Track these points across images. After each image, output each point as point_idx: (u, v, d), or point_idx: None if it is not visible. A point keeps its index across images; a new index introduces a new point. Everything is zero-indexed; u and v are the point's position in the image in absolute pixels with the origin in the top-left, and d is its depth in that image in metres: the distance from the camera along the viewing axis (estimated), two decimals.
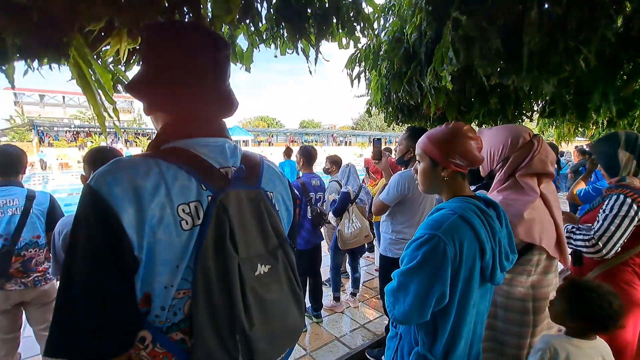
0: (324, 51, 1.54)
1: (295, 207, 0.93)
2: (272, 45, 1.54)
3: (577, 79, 1.91)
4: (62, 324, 0.59)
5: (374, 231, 4.10)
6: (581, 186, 2.98)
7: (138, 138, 31.86)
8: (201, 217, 0.66)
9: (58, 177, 19.95)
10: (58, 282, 2.16)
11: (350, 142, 48.39)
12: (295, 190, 1.04)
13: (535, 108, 2.90)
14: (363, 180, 4.20)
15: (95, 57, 1.07)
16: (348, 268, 3.95)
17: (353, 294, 3.64)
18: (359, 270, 3.71)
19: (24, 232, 2.01)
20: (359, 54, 2.51)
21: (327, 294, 3.74)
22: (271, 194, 0.81)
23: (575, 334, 1.21)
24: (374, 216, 3.96)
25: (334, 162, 3.77)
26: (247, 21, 1.27)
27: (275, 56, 1.56)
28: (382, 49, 2.39)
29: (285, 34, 1.38)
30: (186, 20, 1.12)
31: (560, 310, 1.23)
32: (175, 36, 0.73)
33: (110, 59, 1.21)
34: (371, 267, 4.69)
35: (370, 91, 2.97)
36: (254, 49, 1.52)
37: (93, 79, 1.06)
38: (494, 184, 1.46)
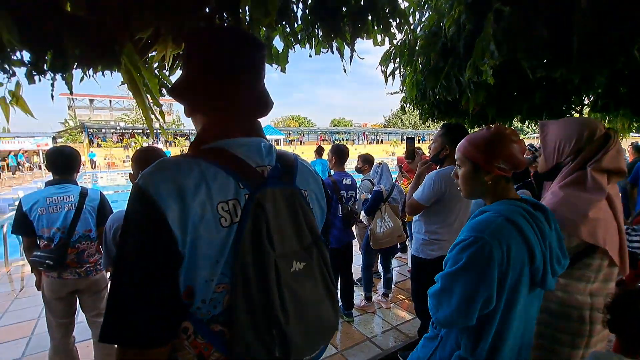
0: (357, 49, 1.53)
1: (329, 206, 0.93)
2: (307, 45, 1.55)
3: (632, 71, 1.75)
4: (113, 313, 0.63)
5: (407, 231, 4.02)
6: None
7: (177, 139, 33.51)
8: (239, 215, 0.68)
9: (105, 175, 21.52)
10: (108, 274, 2.35)
11: (382, 140, 47.54)
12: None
13: (586, 102, 2.69)
14: (396, 179, 4.13)
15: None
16: (380, 268, 3.90)
17: (385, 295, 3.59)
18: (391, 271, 3.65)
19: (78, 226, 2.19)
20: (393, 51, 2.46)
21: (358, 293, 3.72)
22: (305, 192, 0.82)
23: (626, 352, 1.10)
24: (407, 215, 3.88)
25: (366, 161, 3.74)
26: (283, 22, 1.29)
27: (310, 56, 1.57)
28: (418, 45, 2.32)
29: (320, 34, 1.38)
30: (225, 24, 1.16)
31: (611, 322, 1.13)
32: (214, 40, 0.76)
33: (155, 65, 1.29)
34: (404, 268, 4.60)
35: (404, 88, 2.91)
36: (289, 50, 1.54)
37: (142, 83, 1.13)
38: (558, 177, 1.35)
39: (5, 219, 7.35)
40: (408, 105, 3.12)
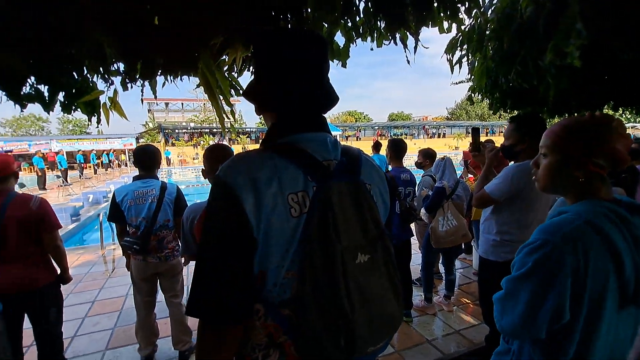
0: (420, 38, 1.45)
1: (392, 200, 0.93)
2: (369, 38, 1.52)
3: None
4: (196, 290, 0.71)
5: (473, 231, 3.76)
6: None
7: (239, 137, 35.61)
8: (307, 206, 0.72)
9: (178, 171, 23.78)
10: (183, 260, 2.61)
11: (444, 133, 44.70)
12: None
13: None
14: (461, 175, 3.88)
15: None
16: (441, 268, 3.72)
17: (447, 297, 3.42)
18: (454, 272, 3.45)
19: (159, 216, 2.47)
20: (461, 37, 2.30)
21: (417, 294, 3.60)
22: (369, 186, 0.84)
23: None
24: (472, 214, 3.63)
25: (428, 156, 3.57)
26: (345, 17, 1.28)
27: (371, 49, 1.54)
28: (489, 29, 2.13)
29: (383, 25, 1.35)
30: (289, 24, 1.19)
31: None
32: (279, 41, 0.80)
33: (225, 67, 1.38)
34: (469, 271, 4.33)
35: (472, 76, 2.70)
36: (351, 44, 1.53)
37: (215, 86, 1.23)
38: None
39: (100, 209, 8.57)
40: (476, 94, 2.90)
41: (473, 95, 2.91)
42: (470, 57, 2.42)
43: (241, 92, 1.38)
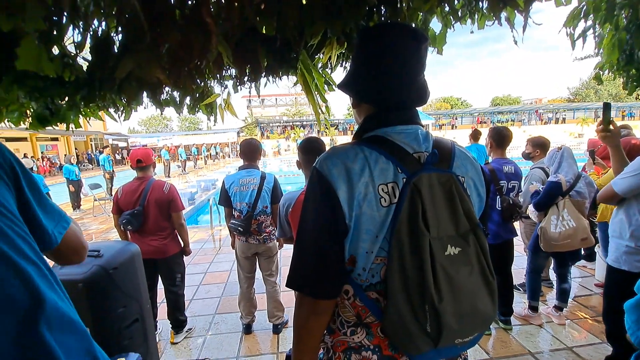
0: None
1: (488, 194, 0.90)
2: (469, 21, 1.40)
3: None
4: (295, 267, 0.80)
5: (596, 234, 3.17)
6: None
7: (327, 129, 36.67)
8: (397, 196, 0.74)
9: (272, 162, 25.79)
10: (278, 243, 2.88)
11: (563, 118, 37.44)
12: None
13: None
14: (583, 167, 3.28)
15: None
16: (552, 275, 3.24)
17: (558, 308, 2.98)
18: (568, 281, 2.97)
19: (259, 202, 2.76)
20: (585, 7, 1.93)
21: (520, 300, 3.22)
22: (463, 178, 0.83)
23: None
24: (598, 214, 3.05)
25: (539, 145, 3.11)
26: (442, 3, 1.21)
27: (472, 32, 1.42)
28: None
29: (485, 6, 1.22)
30: (383, 17, 1.19)
31: None
32: (377, 36, 0.82)
33: (320, 65, 1.46)
34: (589, 281, 3.67)
35: (601, 50, 2.25)
36: (448, 29, 1.44)
37: (312, 83, 1.31)
38: None
39: (210, 194, 9.89)
40: (607, 72, 2.40)
41: (602, 72, 2.42)
42: (597, 29, 2.01)
43: (334, 86, 1.44)
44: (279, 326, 2.96)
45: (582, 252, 2.96)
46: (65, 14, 1.03)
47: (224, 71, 1.32)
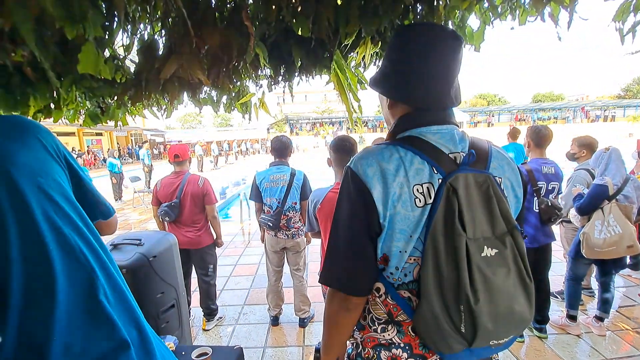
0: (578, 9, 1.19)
1: (525, 195, 0.88)
2: (509, 17, 1.35)
3: None
4: (328, 263, 0.82)
5: None
6: None
7: (356, 126, 36.40)
8: (432, 197, 0.74)
9: (299, 159, 26.02)
10: (306, 239, 2.93)
11: (613, 116, 34.69)
12: None
13: None
14: (632, 170, 3.06)
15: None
16: (594, 283, 3.05)
17: (598, 318, 2.80)
18: (611, 290, 2.79)
19: (288, 198, 2.81)
20: (635, 1, 1.78)
21: (557, 309, 3.07)
22: (500, 179, 0.82)
23: None
24: None
25: (585, 145, 2.92)
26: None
27: (512, 28, 1.36)
28: None
29: (527, 1, 1.17)
30: (418, 15, 1.17)
31: None
32: (417, 36, 0.81)
33: (353, 63, 1.46)
34: (633, 291, 3.42)
35: None
36: (486, 26, 1.39)
37: (345, 82, 1.33)
38: None
39: (240, 189, 10.16)
40: None
41: None
42: None
43: (367, 85, 1.45)
44: (305, 320, 3.02)
45: (628, 260, 2.75)
46: (116, 19, 1.12)
47: (259, 71, 1.37)
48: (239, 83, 1.43)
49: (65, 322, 0.66)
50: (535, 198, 2.63)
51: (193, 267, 3.05)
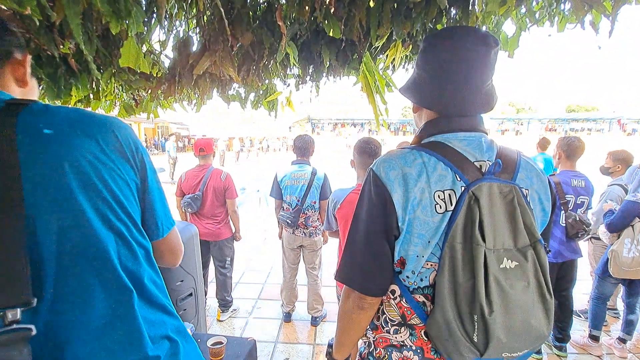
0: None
1: (554, 209, 0.85)
2: (547, 23, 1.30)
3: None
4: (345, 261, 0.83)
5: None
6: None
7: (379, 128, 36.19)
8: (453, 204, 0.73)
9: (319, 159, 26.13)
10: (323, 238, 2.95)
11: None
12: None
13: None
14: None
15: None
16: (619, 304, 2.91)
17: (622, 340, 2.66)
18: (636, 312, 2.64)
19: (308, 197, 2.83)
20: None
21: (580, 328, 2.94)
22: (527, 191, 0.80)
23: None
24: None
25: (620, 160, 2.79)
26: (519, 5, 1.14)
27: (549, 35, 1.31)
28: None
29: (567, 8, 1.13)
30: (452, 19, 1.16)
31: None
32: (446, 41, 0.80)
33: (380, 66, 1.46)
34: None
35: None
36: (522, 32, 1.35)
37: (374, 84, 1.33)
38: None
39: (259, 185, 10.29)
40: None
41: None
42: None
43: (394, 88, 1.44)
44: (318, 319, 3.04)
45: None
46: (154, 16, 1.16)
47: (288, 70, 1.40)
48: (267, 81, 1.47)
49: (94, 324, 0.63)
50: (562, 211, 2.53)
51: (211, 259, 3.13)
